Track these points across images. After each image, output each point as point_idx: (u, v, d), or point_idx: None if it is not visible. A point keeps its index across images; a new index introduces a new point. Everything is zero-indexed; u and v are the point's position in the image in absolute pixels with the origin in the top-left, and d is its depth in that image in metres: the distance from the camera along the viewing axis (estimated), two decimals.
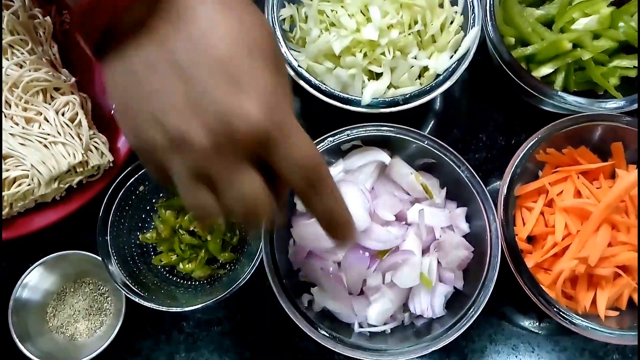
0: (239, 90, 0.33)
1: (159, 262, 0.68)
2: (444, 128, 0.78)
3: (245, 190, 0.35)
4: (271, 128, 0.34)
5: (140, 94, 0.35)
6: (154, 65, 0.34)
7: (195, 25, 0.34)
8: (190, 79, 0.33)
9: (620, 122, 0.65)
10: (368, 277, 0.62)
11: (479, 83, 0.80)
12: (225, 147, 0.34)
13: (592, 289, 0.64)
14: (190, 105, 0.33)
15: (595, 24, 0.72)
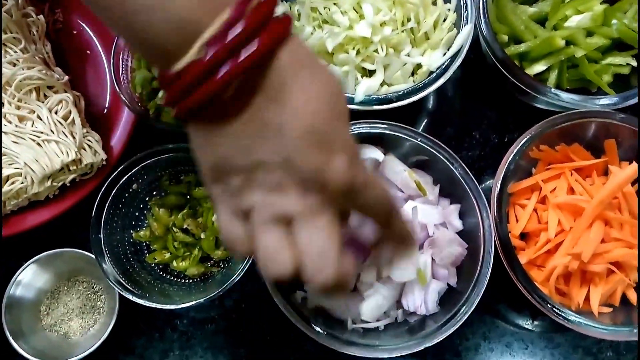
0: (329, 149, 0.36)
1: (152, 260, 0.68)
2: (437, 126, 0.78)
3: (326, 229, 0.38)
4: (355, 179, 0.38)
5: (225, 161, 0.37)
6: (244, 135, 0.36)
7: (290, 96, 0.35)
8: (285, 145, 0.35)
9: (613, 119, 0.65)
10: (362, 272, 0.62)
11: (472, 81, 0.80)
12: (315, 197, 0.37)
13: (585, 285, 0.64)
14: (283, 166, 0.36)
15: (588, 22, 0.72)
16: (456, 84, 0.81)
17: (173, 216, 0.69)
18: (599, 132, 0.67)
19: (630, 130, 0.65)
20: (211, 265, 0.69)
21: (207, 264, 0.69)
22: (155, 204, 0.69)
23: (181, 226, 0.68)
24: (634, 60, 0.73)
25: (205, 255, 0.69)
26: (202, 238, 0.68)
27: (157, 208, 0.69)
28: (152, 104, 0.68)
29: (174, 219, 0.68)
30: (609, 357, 0.70)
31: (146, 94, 0.69)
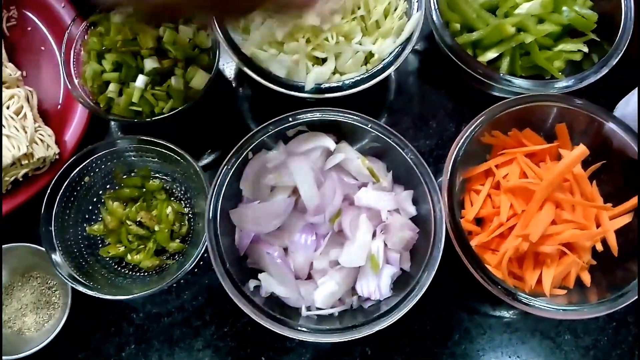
0: None
1: (106, 254, 0.68)
2: (397, 116, 0.79)
3: None
4: None
5: None
6: None
7: None
8: None
9: (564, 103, 0.66)
10: (315, 259, 0.62)
11: (430, 72, 0.81)
12: None
13: (538, 268, 0.64)
14: None
15: (538, 8, 0.73)
16: (416, 74, 0.81)
17: (127, 209, 0.68)
18: (552, 117, 0.68)
19: (583, 115, 0.66)
20: (167, 258, 0.69)
21: (162, 256, 0.69)
22: (109, 197, 0.69)
23: (135, 219, 0.68)
24: (585, 47, 0.74)
25: (160, 247, 0.68)
26: (157, 230, 0.67)
27: (110, 201, 0.68)
28: (102, 97, 0.68)
29: (127, 212, 0.68)
30: (567, 340, 0.70)
31: (97, 87, 0.69)
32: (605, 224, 0.65)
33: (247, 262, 0.65)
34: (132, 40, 0.67)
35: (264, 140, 0.64)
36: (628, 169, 0.66)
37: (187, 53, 0.69)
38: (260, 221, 0.61)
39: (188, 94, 0.69)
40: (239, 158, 0.62)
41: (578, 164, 0.64)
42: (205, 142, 0.77)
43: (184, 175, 0.69)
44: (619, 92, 0.73)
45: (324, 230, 0.62)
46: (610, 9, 0.72)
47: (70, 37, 0.70)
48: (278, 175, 0.64)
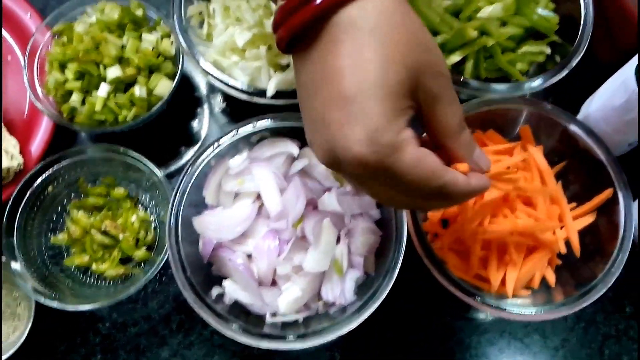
0: (349, 123, 0.36)
1: (71, 264, 0.67)
2: None
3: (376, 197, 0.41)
4: (373, 162, 0.36)
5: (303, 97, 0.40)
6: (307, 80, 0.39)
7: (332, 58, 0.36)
8: (321, 104, 0.37)
9: (526, 105, 0.67)
10: (278, 265, 0.62)
11: None
12: (338, 168, 0.38)
13: (502, 268, 0.65)
14: (318, 124, 0.37)
15: (500, 11, 0.73)
16: None
17: (92, 218, 0.68)
18: (517, 118, 0.69)
19: (545, 117, 0.67)
20: (133, 267, 0.69)
21: (128, 265, 0.69)
22: (74, 206, 0.69)
23: (100, 228, 0.68)
24: (547, 48, 0.75)
25: (126, 256, 0.68)
26: (121, 239, 0.67)
27: (75, 210, 0.68)
28: (65, 106, 0.68)
29: (92, 221, 0.68)
30: (535, 340, 0.70)
31: (60, 97, 0.68)
32: (568, 223, 0.66)
33: (212, 270, 0.65)
34: (94, 50, 0.67)
35: (226, 147, 0.64)
36: (593, 169, 0.66)
37: (150, 61, 0.69)
38: (223, 228, 0.61)
39: (152, 102, 0.69)
40: (200, 166, 0.62)
41: None
42: (171, 149, 0.77)
43: (149, 183, 0.68)
44: (588, 91, 0.73)
45: (287, 236, 0.62)
46: (571, 11, 0.73)
47: (33, 46, 0.70)
48: (241, 181, 0.64)
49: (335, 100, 0.36)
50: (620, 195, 0.62)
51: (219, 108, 0.81)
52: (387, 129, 0.36)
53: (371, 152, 0.35)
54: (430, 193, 0.39)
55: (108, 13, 0.70)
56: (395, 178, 0.37)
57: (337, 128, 0.36)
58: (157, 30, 0.73)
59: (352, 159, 0.36)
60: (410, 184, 0.37)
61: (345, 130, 0.36)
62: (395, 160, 0.36)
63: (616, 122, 0.66)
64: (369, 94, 0.36)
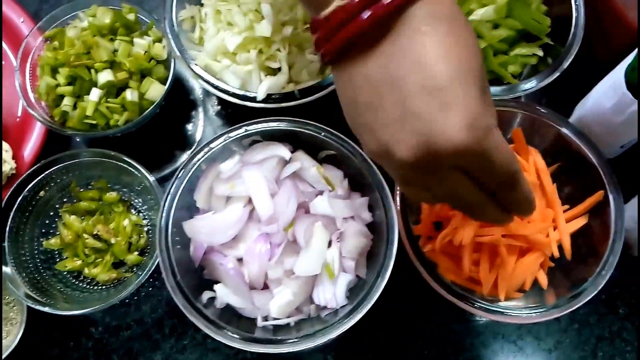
0: (445, 111, 0.35)
1: (63, 268, 0.67)
2: None
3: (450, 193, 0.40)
4: (473, 147, 0.36)
5: (359, 105, 0.39)
6: (374, 82, 0.38)
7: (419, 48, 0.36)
8: (403, 97, 0.36)
9: (518, 108, 0.67)
10: (269, 269, 0.62)
11: None
12: (427, 163, 0.37)
13: (494, 271, 0.64)
14: (399, 120, 0.36)
15: (491, 14, 0.73)
16: None
17: (84, 222, 0.68)
18: (511, 121, 0.69)
19: (538, 120, 0.67)
20: (125, 271, 0.69)
21: (121, 269, 0.69)
22: (67, 210, 0.69)
23: (92, 232, 0.68)
24: (540, 50, 0.75)
25: (118, 260, 0.68)
26: (113, 243, 0.67)
27: (67, 215, 0.68)
28: (57, 110, 0.68)
29: (84, 226, 0.68)
30: (529, 342, 0.70)
31: (52, 101, 0.69)
32: (561, 225, 0.66)
33: (204, 274, 0.65)
34: (85, 54, 0.67)
35: (217, 151, 0.64)
36: (585, 172, 0.66)
37: (141, 65, 0.69)
38: (214, 232, 0.61)
39: (144, 106, 0.69)
40: (191, 170, 0.62)
41: None
42: (166, 152, 0.78)
43: (141, 188, 0.69)
44: (583, 92, 0.73)
45: (278, 240, 0.62)
46: (563, 13, 0.73)
47: (25, 51, 0.70)
48: (232, 185, 0.64)
49: (426, 89, 0.36)
50: (611, 198, 0.62)
51: (214, 111, 0.81)
52: (485, 114, 0.36)
53: (473, 138, 0.35)
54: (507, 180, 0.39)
55: (100, 17, 0.71)
56: (486, 160, 0.37)
57: (431, 118, 0.35)
58: (149, 34, 0.73)
59: (452, 146, 0.35)
60: (498, 165, 0.37)
61: (442, 119, 0.35)
62: (490, 141, 0.36)
63: (607, 124, 0.66)
64: (463, 80, 0.36)
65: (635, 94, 0.59)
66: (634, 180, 0.69)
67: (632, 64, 0.60)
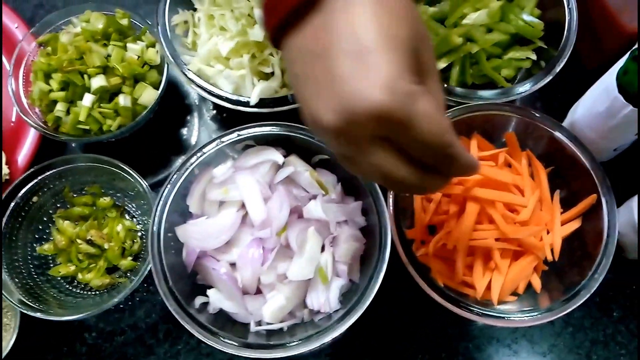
0: (365, 74, 0.35)
1: (57, 274, 0.67)
2: None
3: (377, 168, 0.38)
4: (391, 111, 0.34)
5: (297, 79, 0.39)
6: (306, 53, 0.38)
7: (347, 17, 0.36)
8: (329, 65, 0.36)
9: (511, 111, 0.67)
10: (262, 274, 0.61)
11: None
12: (349, 128, 0.36)
13: (488, 274, 0.64)
14: (326, 88, 0.36)
15: (485, 18, 0.73)
16: None
17: (78, 228, 0.68)
18: (504, 125, 0.69)
19: (531, 123, 0.67)
20: (119, 276, 0.69)
21: (114, 274, 0.69)
22: (60, 216, 0.69)
23: (85, 237, 0.68)
24: (533, 54, 0.75)
25: (112, 265, 0.68)
26: (107, 249, 0.67)
27: (61, 220, 0.68)
28: (50, 116, 0.68)
29: (78, 231, 0.68)
30: (523, 345, 0.70)
31: (45, 107, 0.69)
32: (556, 229, 0.66)
33: (197, 279, 0.65)
34: (78, 60, 0.68)
35: (210, 156, 0.64)
36: (578, 175, 0.66)
37: (134, 70, 0.69)
38: (207, 237, 0.61)
39: (137, 111, 0.69)
40: (184, 175, 0.62)
41: None
42: (161, 157, 0.78)
43: (135, 193, 0.69)
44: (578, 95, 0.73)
45: (271, 244, 0.62)
46: (556, 16, 0.73)
47: (19, 56, 0.71)
48: (225, 190, 0.64)
49: (348, 53, 0.36)
50: (604, 201, 0.62)
51: (210, 115, 0.81)
52: (406, 77, 0.35)
53: (392, 99, 0.34)
54: (437, 154, 0.37)
55: (93, 23, 0.71)
56: (412, 129, 0.35)
57: (351, 80, 0.35)
58: (142, 39, 0.73)
59: (371, 107, 0.34)
60: (427, 135, 0.36)
61: (361, 80, 0.35)
62: (416, 108, 0.35)
63: (600, 128, 0.66)
64: (387, 44, 0.35)
65: (626, 97, 0.59)
66: (627, 183, 0.69)
67: (624, 67, 0.60)
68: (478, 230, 0.64)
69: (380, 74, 0.35)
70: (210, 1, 0.70)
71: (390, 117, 0.35)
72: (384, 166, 0.38)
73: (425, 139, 0.36)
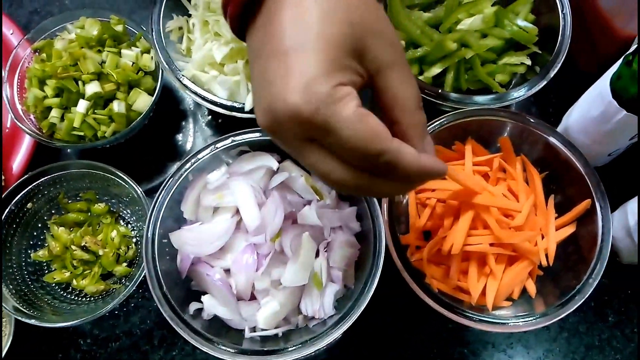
0: (287, 74, 0.34)
1: (52, 280, 0.67)
2: None
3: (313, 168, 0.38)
4: (307, 113, 0.34)
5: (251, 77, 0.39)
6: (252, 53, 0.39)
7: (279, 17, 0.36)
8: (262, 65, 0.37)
9: (505, 117, 0.67)
10: (256, 280, 0.61)
11: None
12: (274, 129, 0.36)
13: (482, 279, 0.64)
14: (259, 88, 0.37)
15: (479, 24, 0.73)
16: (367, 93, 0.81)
17: (72, 234, 0.68)
18: (498, 130, 0.69)
19: (525, 128, 0.67)
20: (114, 283, 0.69)
21: (109, 280, 0.69)
22: (55, 222, 0.69)
23: (80, 244, 0.67)
24: (528, 59, 0.75)
25: (106, 272, 0.68)
26: (101, 255, 0.67)
27: (56, 226, 0.68)
28: (45, 122, 0.68)
29: (73, 237, 0.68)
30: (519, 350, 0.70)
31: (40, 113, 0.69)
32: (550, 234, 0.66)
33: (191, 285, 0.65)
34: (73, 66, 0.68)
35: (205, 162, 0.64)
36: (573, 180, 0.66)
37: (129, 77, 0.69)
38: (201, 243, 0.61)
39: (131, 117, 0.69)
40: (179, 181, 0.62)
41: None
42: (157, 162, 0.78)
43: (129, 199, 0.68)
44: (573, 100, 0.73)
45: (265, 250, 0.62)
46: (550, 22, 0.73)
47: (14, 63, 0.71)
48: (220, 196, 0.64)
49: (275, 55, 0.35)
50: (598, 206, 0.63)
51: (205, 121, 0.81)
52: (324, 80, 0.34)
53: (306, 102, 0.34)
54: (370, 161, 0.36)
55: (88, 29, 0.71)
56: (332, 135, 0.34)
57: (275, 82, 0.35)
58: (137, 45, 0.73)
59: (287, 110, 0.34)
60: (348, 142, 0.34)
61: (282, 82, 0.34)
62: (333, 113, 0.34)
63: (594, 133, 0.66)
64: (308, 45, 0.35)
65: (620, 102, 0.59)
66: (621, 187, 0.69)
67: (618, 72, 0.60)
68: (473, 236, 0.64)
69: (298, 76, 0.34)
70: (205, 7, 0.70)
71: (308, 121, 0.34)
72: (319, 167, 0.37)
73: (348, 146, 0.35)
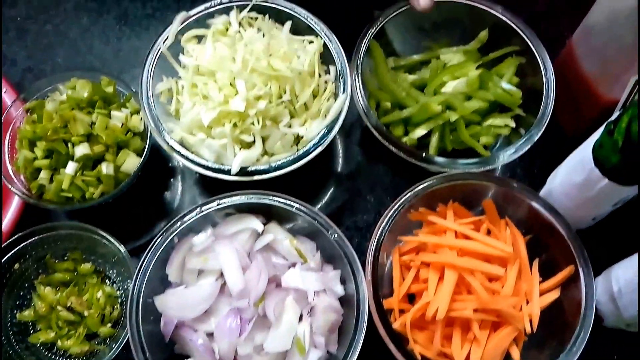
0: None
1: (37, 340, 0.67)
2: (340, 189, 0.80)
3: None
4: None
5: None
6: None
7: None
8: None
9: (487, 181, 0.68)
10: (239, 345, 0.61)
11: (374, 145, 0.79)
12: None
13: (466, 345, 0.64)
14: None
15: (464, 86, 0.75)
16: (361, 150, 0.83)
17: (59, 294, 0.68)
18: (481, 192, 0.69)
19: (509, 192, 0.68)
20: (98, 343, 0.68)
21: (94, 341, 0.68)
22: (41, 282, 0.69)
23: (65, 304, 0.68)
24: (512, 121, 0.76)
25: (91, 332, 0.68)
26: (87, 315, 0.67)
27: (42, 286, 0.69)
28: (34, 183, 0.69)
29: (58, 297, 0.68)
30: None
31: (29, 174, 0.69)
32: (534, 299, 0.66)
33: (175, 348, 0.65)
34: (63, 128, 0.69)
35: (190, 225, 0.64)
36: (556, 244, 0.66)
37: (118, 138, 0.70)
38: (185, 307, 0.61)
39: (119, 179, 0.70)
40: (164, 243, 0.63)
41: None
42: (145, 221, 0.78)
43: (115, 259, 0.69)
44: (558, 162, 0.74)
45: (249, 315, 0.62)
46: (534, 84, 0.75)
47: (6, 122, 0.72)
48: (205, 259, 0.64)
49: None
50: (581, 272, 0.63)
51: (193, 179, 0.82)
52: None
53: None
54: None
55: (78, 90, 0.72)
56: None
57: None
58: (127, 106, 0.75)
59: None
60: None
61: None
62: None
63: (577, 198, 0.66)
64: None
65: (602, 170, 0.59)
66: (606, 250, 0.69)
67: (600, 141, 0.60)
68: (457, 301, 0.64)
69: None
70: (194, 69, 0.71)
71: None
72: None
73: None
